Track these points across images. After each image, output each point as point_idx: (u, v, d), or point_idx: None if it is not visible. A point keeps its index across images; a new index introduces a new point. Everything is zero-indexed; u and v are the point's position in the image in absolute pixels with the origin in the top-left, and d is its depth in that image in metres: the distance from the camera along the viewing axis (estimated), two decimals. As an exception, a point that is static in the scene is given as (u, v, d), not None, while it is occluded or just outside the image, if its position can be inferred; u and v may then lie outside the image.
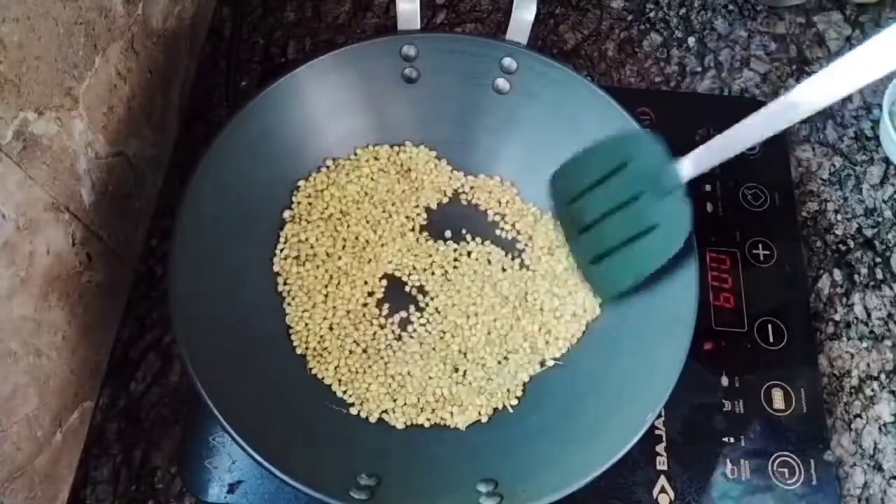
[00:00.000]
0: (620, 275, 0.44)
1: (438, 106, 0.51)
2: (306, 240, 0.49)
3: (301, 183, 0.50)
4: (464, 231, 0.51)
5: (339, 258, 0.49)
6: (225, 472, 0.44)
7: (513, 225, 0.51)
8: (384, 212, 0.51)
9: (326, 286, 0.48)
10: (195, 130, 0.57)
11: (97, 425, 0.47)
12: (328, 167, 0.51)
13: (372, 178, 0.51)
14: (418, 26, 0.49)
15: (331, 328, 0.47)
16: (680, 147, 0.42)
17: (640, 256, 0.43)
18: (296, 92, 0.47)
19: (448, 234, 0.51)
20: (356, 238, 0.50)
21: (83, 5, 0.42)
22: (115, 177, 0.48)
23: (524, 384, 0.46)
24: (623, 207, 0.43)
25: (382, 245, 0.50)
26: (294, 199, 0.50)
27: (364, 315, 0.48)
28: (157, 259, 0.52)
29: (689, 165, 0.41)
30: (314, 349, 0.46)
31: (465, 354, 0.47)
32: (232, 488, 0.44)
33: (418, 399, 0.45)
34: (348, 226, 0.50)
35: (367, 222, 0.50)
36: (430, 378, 0.46)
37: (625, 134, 0.45)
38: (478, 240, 0.50)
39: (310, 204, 0.50)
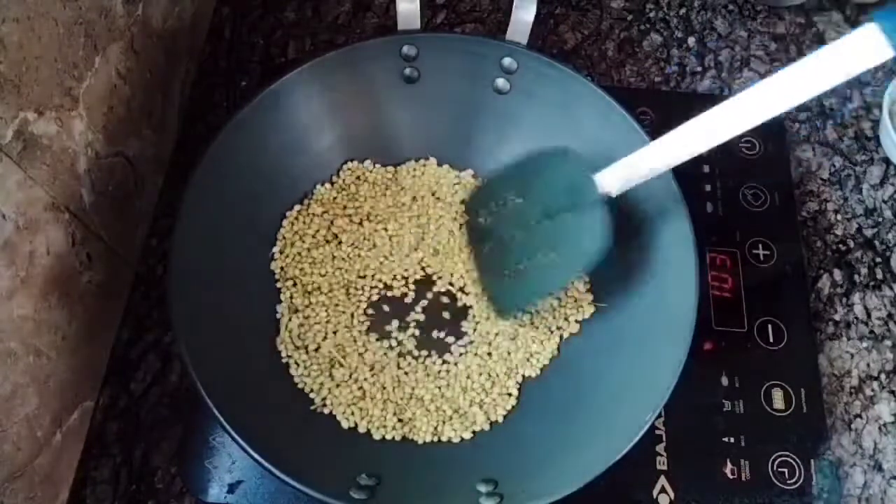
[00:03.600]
0: (521, 293, 0.43)
1: (438, 106, 0.51)
2: (304, 242, 0.49)
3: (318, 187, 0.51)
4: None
5: (341, 264, 0.49)
6: (225, 472, 0.44)
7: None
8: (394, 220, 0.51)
9: (329, 293, 0.48)
10: (195, 130, 0.57)
11: (97, 425, 0.47)
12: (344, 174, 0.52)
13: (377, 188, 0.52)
14: (418, 26, 0.49)
15: (325, 338, 0.47)
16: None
17: (544, 275, 0.42)
18: (296, 92, 0.47)
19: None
20: (364, 240, 0.50)
21: (83, 5, 0.42)
22: (115, 177, 0.48)
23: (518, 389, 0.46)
24: (535, 224, 0.42)
25: (387, 256, 0.50)
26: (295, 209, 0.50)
27: (364, 327, 0.48)
28: (157, 259, 0.52)
29: (610, 180, 0.40)
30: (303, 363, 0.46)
31: (467, 376, 0.46)
32: (232, 488, 0.44)
33: (417, 416, 0.45)
34: (351, 233, 0.50)
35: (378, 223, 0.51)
36: (428, 397, 0.46)
37: (543, 151, 0.44)
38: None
39: (309, 209, 0.50)
